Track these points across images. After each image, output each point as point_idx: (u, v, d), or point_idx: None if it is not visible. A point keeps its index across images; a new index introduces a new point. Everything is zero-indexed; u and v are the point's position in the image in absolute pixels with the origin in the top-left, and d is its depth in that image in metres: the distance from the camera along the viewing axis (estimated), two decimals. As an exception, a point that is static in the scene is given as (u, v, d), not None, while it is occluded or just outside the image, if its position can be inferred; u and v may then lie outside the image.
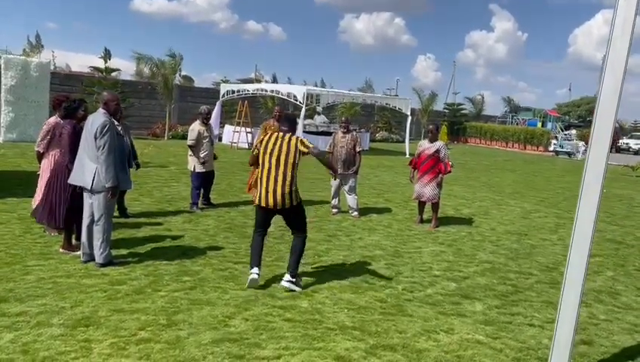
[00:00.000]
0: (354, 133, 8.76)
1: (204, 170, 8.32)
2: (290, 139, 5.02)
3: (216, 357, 3.61)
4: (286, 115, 5.86)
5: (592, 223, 3.33)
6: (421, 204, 8.43)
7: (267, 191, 4.98)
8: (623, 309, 5.25)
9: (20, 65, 16.48)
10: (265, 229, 5.26)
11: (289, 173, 4.97)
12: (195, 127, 8.32)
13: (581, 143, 29.93)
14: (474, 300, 5.17)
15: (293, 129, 5.23)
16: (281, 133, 5.10)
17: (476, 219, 9.31)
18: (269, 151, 5.01)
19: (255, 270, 5.05)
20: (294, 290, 4.99)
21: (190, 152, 8.33)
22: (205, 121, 8.46)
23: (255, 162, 5.20)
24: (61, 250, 5.67)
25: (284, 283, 5.02)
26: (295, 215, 5.16)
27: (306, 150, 5.01)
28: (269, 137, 5.10)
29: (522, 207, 11.09)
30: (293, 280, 5.05)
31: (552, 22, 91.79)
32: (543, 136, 33.61)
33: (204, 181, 8.49)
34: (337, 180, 8.51)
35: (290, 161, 4.96)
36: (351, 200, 8.56)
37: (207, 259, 5.81)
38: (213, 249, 6.23)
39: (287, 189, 4.96)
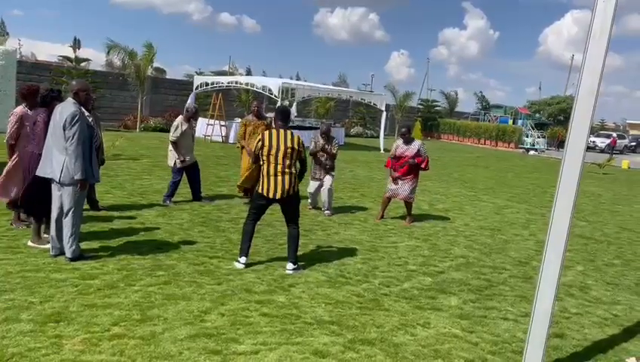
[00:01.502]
0: (334, 141, 8.70)
1: (183, 166, 8.17)
2: (292, 136, 5.45)
3: (193, 353, 3.54)
4: (280, 110, 5.79)
5: (567, 220, 3.38)
6: (387, 201, 8.48)
7: (276, 183, 5.36)
8: (594, 303, 5.38)
9: (-16, 52, 15.90)
10: (259, 218, 5.70)
11: (293, 167, 5.43)
12: (180, 123, 8.13)
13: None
14: (449, 294, 5.22)
15: (287, 122, 5.64)
16: (281, 130, 5.46)
17: (450, 215, 9.41)
18: (274, 146, 5.36)
19: (243, 259, 5.48)
20: (298, 273, 5.44)
21: (171, 147, 8.17)
22: (192, 119, 8.34)
23: (258, 159, 5.52)
24: (29, 243, 5.50)
25: (289, 272, 5.42)
26: (293, 203, 5.57)
27: (301, 151, 5.51)
28: (270, 133, 5.43)
29: (495, 203, 11.27)
30: (296, 266, 5.50)
31: (523, 21, 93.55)
32: (514, 133, 34.23)
33: (188, 174, 8.32)
34: (317, 181, 8.52)
35: (294, 155, 5.42)
36: (327, 197, 8.53)
37: (181, 254, 5.71)
38: (188, 243, 6.13)
39: (293, 180, 5.42)
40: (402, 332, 4.21)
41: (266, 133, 5.50)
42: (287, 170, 5.37)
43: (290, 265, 5.48)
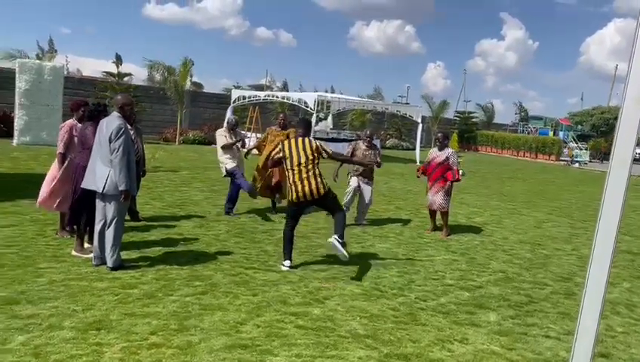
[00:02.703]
0: (377, 148, 8.60)
1: (231, 167, 8.32)
2: (310, 142, 5.78)
3: (228, 364, 3.56)
4: (302, 120, 6.29)
5: (613, 235, 3.26)
6: (433, 213, 8.37)
7: (303, 187, 5.62)
8: (641, 322, 5.15)
9: (34, 69, 16.66)
10: (296, 222, 6.00)
11: (315, 169, 5.68)
12: (221, 132, 8.56)
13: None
14: (488, 310, 5.09)
15: (308, 132, 6.04)
16: (300, 138, 5.81)
17: (489, 228, 9.22)
18: (294, 154, 5.70)
19: (287, 263, 5.83)
20: (341, 251, 5.47)
21: (219, 158, 8.45)
22: (231, 130, 8.58)
23: (275, 164, 5.98)
24: (73, 252, 5.67)
25: (332, 240, 5.51)
26: (329, 199, 5.78)
27: (326, 156, 5.85)
28: (289, 143, 5.79)
29: (535, 216, 10.97)
30: (341, 241, 5.54)
31: (563, 30, 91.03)
32: (554, 145, 33.37)
33: (231, 184, 8.45)
34: (353, 185, 8.37)
35: (314, 160, 5.68)
36: (365, 208, 8.49)
37: (218, 264, 5.78)
38: (224, 254, 6.20)
39: (318, 180, 5.66)
40: (439, 348, 4.12)
41: (285, 142, 5.84)
42: (311, 173, 5.64)
43: (335, 236, 5.54)
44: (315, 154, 5.71)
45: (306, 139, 5.81)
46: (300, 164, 5.65)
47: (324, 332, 4.22)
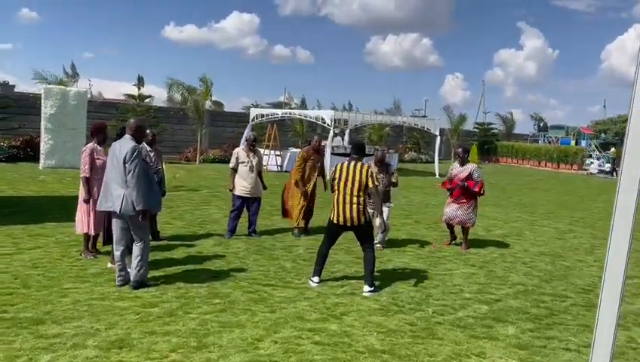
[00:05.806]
0: (391, 168, 8.31)
1: (240, 194, 8.14)
2: (362, 168, 5.75)
3: (246, 380, 3.62)
4: (355, 144, 6.23)
5: (627, 239, 3.24)
6: (450, 226, 8.32)
7: (345, 211, 5.71)
8: (665, 333, 5.05)
9: (59, 94, 17.14)
10: (333, 242, 6.09)
11: (362, 196, 5.71)
12: (236, 151, 8.32)
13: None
14: (506, 323, 5.07)
15: (362, 155, 6.04)
16: (353, 162, 5.82)
17: (508, 240, 9.14)
18: (343, 177, 5.75)
19: (316, 279, 5.92)
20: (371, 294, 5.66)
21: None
22: (251, 148, 8.28)
23: (333, 188, 5.90)
24: (109, 264, 6.00)
25: (366, 294, 5.64)
26: (365, 230, 5.87)
27: (371, 185, 5.72)
28: (342, 166, 5.83)
29: (556, 228, 10.84)
30: (372, 288, 5.72)
31: (583, 38, 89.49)
32: (577, 154, 32.87)
33: (246, 206, 8.22)
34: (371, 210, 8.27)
35: (362, 186, 5.68)
36: (380, 231, 8.44)
37: (237, 282, 5.87)
38: (243, 271, 6.29)
39: (360, 209, 5.70)
40: (456, 362, 4.12)
41: (339, 164, 5.92)
42: (354, 199, 5.68)
43: (366, 288, 5.69)
44: (364, 182, 5.67)
45: (359, 164, 5.80)
46: (346, 187, 5.69)
47: (340, 347, 4.25)
